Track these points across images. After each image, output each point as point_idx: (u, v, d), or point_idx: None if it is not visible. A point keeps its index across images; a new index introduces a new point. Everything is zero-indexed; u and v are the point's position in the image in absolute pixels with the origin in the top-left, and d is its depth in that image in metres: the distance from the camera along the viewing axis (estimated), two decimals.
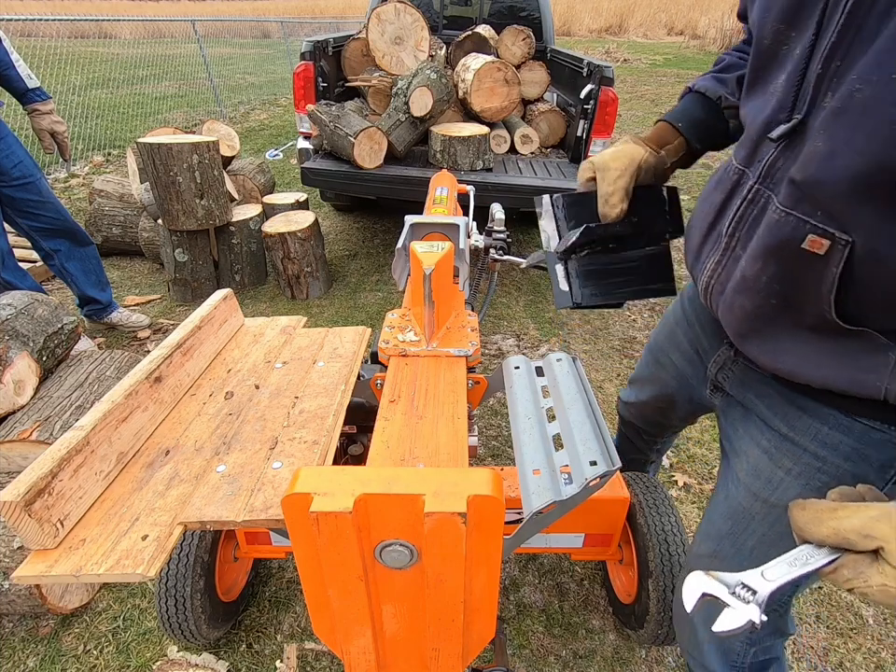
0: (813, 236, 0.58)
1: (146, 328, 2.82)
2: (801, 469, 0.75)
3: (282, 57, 13.47)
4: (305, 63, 3.18)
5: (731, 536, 0.86)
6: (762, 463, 0.80)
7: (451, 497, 0.59)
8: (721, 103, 0.86)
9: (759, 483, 0.80)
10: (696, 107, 0.88)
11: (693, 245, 0.83)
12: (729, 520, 0.86)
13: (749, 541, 0.83)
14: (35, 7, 18.15)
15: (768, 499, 0.79)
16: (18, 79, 2.16)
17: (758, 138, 0.67)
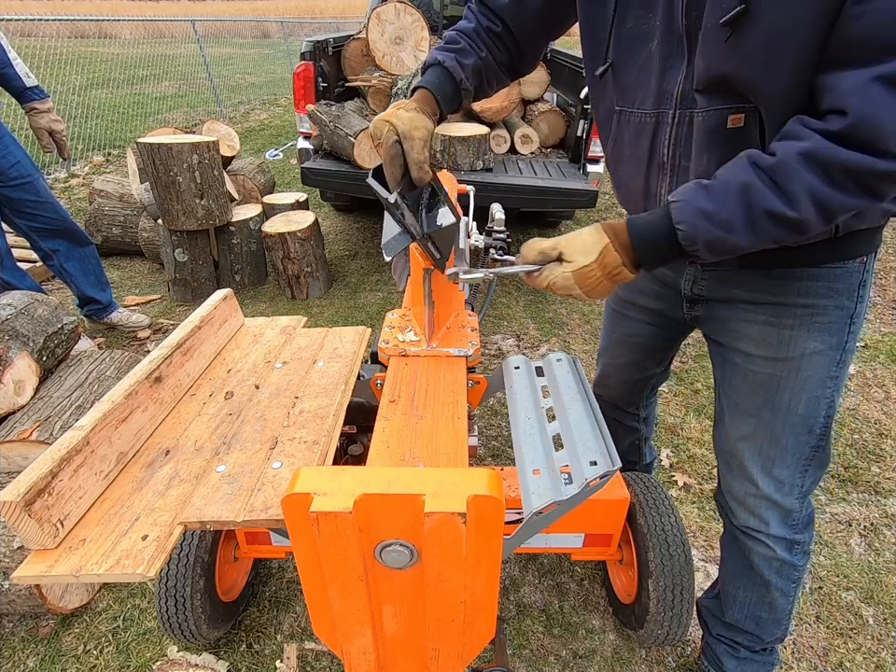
0: (731, 115, 0.77)
1: (146, 328, 2.82)
2: (799, 321, 0.92)
3: (282, 57, 13.49)
4: (305, 63, 3.17)
5: (769, 403, 0.98)
6: (766, 332, 0.94)
7: (451, 497, 0.59)
8: (461, 85, 1.01)
9: (772, 348, 0.94)
10: (447, 83, 1.01)
11: (637, 192, 0.97)
12: (761, 391, 0.98)
13: (785, 398, 0.96)
14: (35, 7, 18.15)
15: (787, 356, 0.94)
16: (15, 78, 2.16)
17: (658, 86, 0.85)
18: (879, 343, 2.82)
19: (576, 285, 0.84)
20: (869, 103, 0.62)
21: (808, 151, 0.67)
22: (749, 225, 0.72)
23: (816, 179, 0.67)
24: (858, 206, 0.69)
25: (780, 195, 0.69)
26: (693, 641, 1.46)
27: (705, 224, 0.74)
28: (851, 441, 2.16)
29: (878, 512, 1.85)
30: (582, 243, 0.83)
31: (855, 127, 0.64)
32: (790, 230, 0.71)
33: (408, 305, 1.38)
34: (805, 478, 1.02)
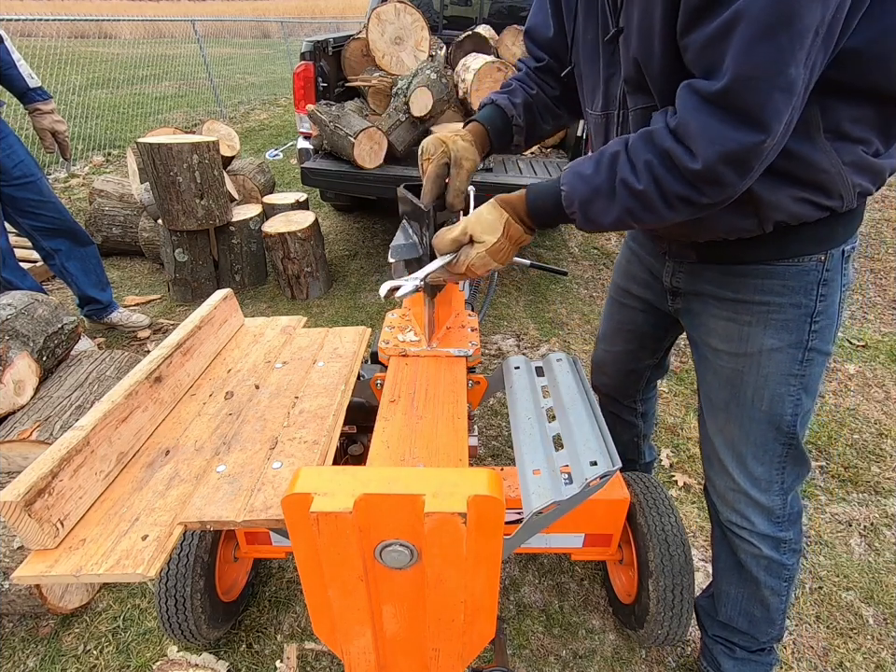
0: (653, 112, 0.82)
1: (146, 328, 2.82)
2: (756, 318, 0.96)
3: (282, 57, 13.49)
4: (305, 63, 3.17)
5: (734, 397, 1.02)
6: (728, 328, 1.00)
7: (451, 498, 0.59)
8: (513, 121, 1.11)
9: (733, 343, 1.00)
10: (498, 119, 1.11)
11: None
12: (727, 385, 1.03)
13: (748, 393, 1.00)
14: (35, 7, 18.14)
15: (746, 351, 0.98)
16: (19, 79, 2.17)
17: (605, 88, 0.95)
18: (879, 343, 2.82)
19: (492, 260, 0.92)
20: (685, 107, 0.71)
21: (650, 132, 0.76)
22: (611, 190, 0.80)
23: (653, 157, 0.75)
24: (686, 195, 0.75)
25: (631, 166, 0.78)
26: (693, 641, 1.46)
27: (580, 185, 0.83)
28: (851, 441, 2.16)
29: (878, 512, 1.85)
30: (486, 222, 0.90)
31: (678, 124, 0.72)
32: (638, 202, 0.78)
33: (408, 305, 1.38)
34: (784, 475, 1.04)
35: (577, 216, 0.85)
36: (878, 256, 3.80)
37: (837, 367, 2.63)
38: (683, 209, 0.77)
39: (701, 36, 0.68)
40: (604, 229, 0.87)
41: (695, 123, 0.70)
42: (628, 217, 0.81)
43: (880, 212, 4.53)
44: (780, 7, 0.60)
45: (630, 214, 0.80)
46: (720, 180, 0.72)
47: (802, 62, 0.63)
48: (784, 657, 1.43)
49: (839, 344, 2.80)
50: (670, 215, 0.78)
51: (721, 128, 0.68)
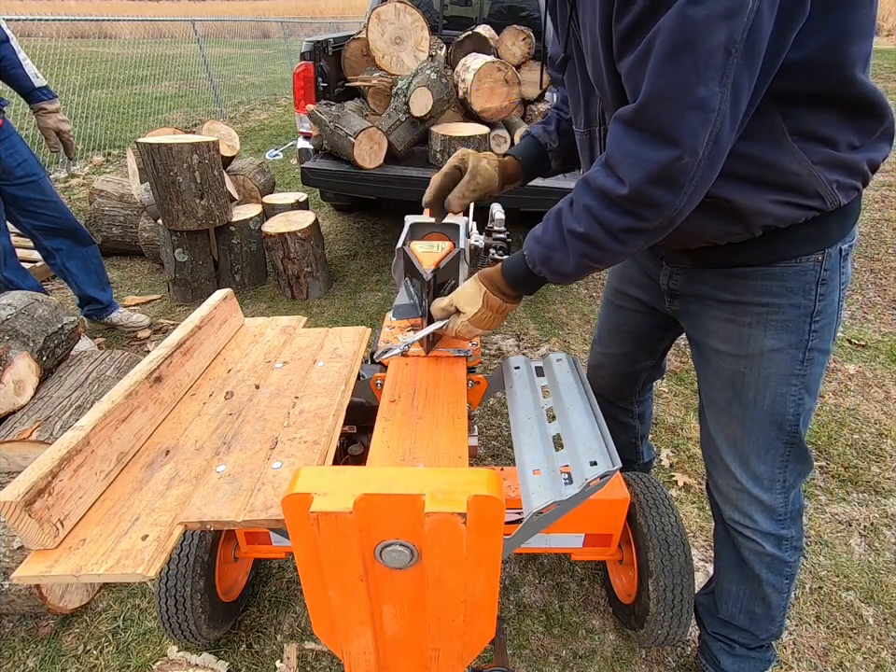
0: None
1: (146, 328, 2.82)
2: (756, 319, 0.96)
3: (282, 57, 13.48)
4: (305, 62, 3.17)
5: (736, 398, 1.03)
6: (728, 329, 1.00)
7: (451, 498, 0.59)
8: (547, 147, 1.21)
9: (733, 344, 1.00)
10: (532, 148, 1.22)
11: None
12: (729, 386, 1.04)
13: (749, 394, 1.01)
14: (35, 7, 18.14)
15: (747, 353, 0.99)
16: (25, 78, 2.17)
17: (587, 109, 0.98)
18: (879, 343, 2.82)
19: (475, 328, 1.02)
20: (611, 137, 0.75)
21: (586, 177, 0.80)
22: (561, 242, 0.84)
23: (590, 199, 0.78)
24: (628, 225, 0.77)
25: (572, 215, 0.82)
26: (693, 641, 1.46)
27: (537, 246, 0.89)
28: (851, 441, 2.16)
29: (878, 512, 1.85)
30: (468, 295, 1.00)
31: (608, 155, 0.76)
32: (587, 245, 0.81)
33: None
34: (787, 474, 1.05)
35: (544, 273, 0.90)
36: (878, 256, 3.80)
37: (837, 367, 2.63)
38: (633, 239, 0.79)
39: (628, 63, 0.71)
40: (572, 278, 0.91)
41: (619, 150, 0.73)
42: (587, 261, 0.84)
43: (880, 212, 4.53)
44: (684, 29, 0.63)
45: (586, 257, 0.84)
46: (652, 202, 0.73)
47: (715, 80, 0.64)
48: (784, 657, 1.43)
49: (839, 344, 2.80)
50: (622, 248, 0.81)
51: (639, 149, 0.71)
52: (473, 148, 3.08)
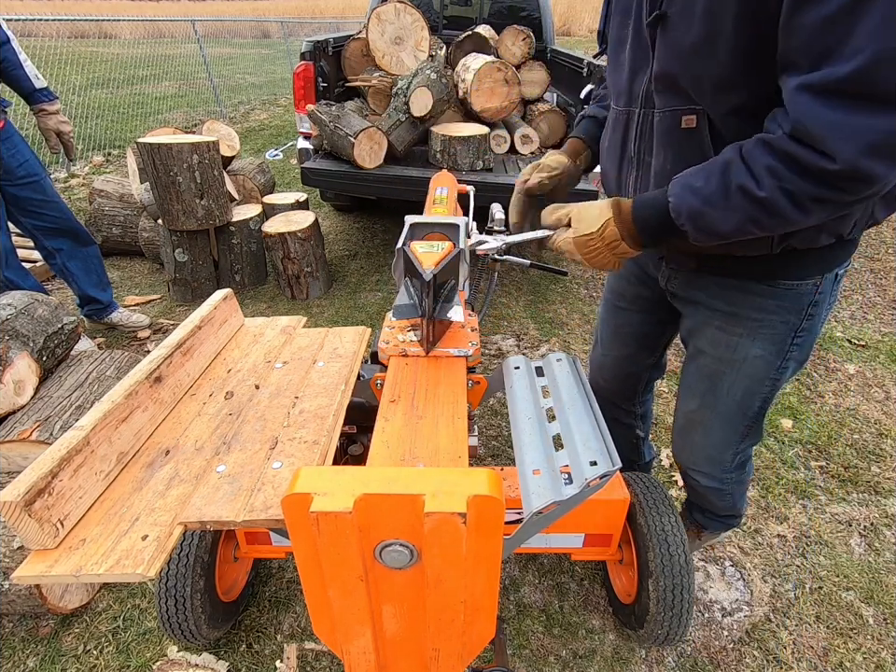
0: (685, 116, 0.86)
1: (146, 328, 2.82)
2: (748, 331, 1.02)
3: (282, 57, 13.48)
4: (305, 63, 3.17)
5: (711, 389, 1.14)
6: (717, 336, 1.07)
7: (451, 497, 0.59)
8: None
9: (720, 349, 1.07)
10: (593, 127, 1.22)
11: (612, 181, 1.09)
12: (706, 379, 1.14)
13: (724, 387, 1.11)
14: (35, 7, 18.14)
15: (731, 358, 1.06)
16: (25, 79, 2.17)
17: (628, 85, 0.96)
18: (879, 344, 2.82)
19: (576, 250, 0.94)
20: (797, 109, 0.68)
21: (769, 140, 0.73)
22: (725, 200, 0.77)
23: (775, 162, 0.72)
24: (825, 196, 0.71)
25: (749, 173, 0.74)
26: (693, 641, 1.47)
27: (689, 196, 0.80)
28: (851, 440, 2.16)
29: (878, 512, 1.85)
30: (589, 214, 0.92)
31: (794, 129, 0.69)
32: (761, 209, 0.75)
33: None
34: (740, 444, 1.21)
35: (687, 227, 0.82)
36: (878, 256, 3.80)
37: (837, 367, 2.63)
38: (820, 211, 0.74)
39: (816, 17, 0.63)
40: (721, 239, 0.82)
41: (820, 122, 0.66)
42: (750, 226, 0.78)
43: None
44: None
45: (753, 222, 0.77)
46: (866, 176, 0.66)
47: None
48: (784, 657, 1.43)
49: (839, 345, 2.80)
50: (804, 218, 0.74)
51: (854, 119, 0.64)
52: (473, 148, 3.09)
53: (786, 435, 2.18)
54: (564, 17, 20.04)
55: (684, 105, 0.86)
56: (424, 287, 1.08)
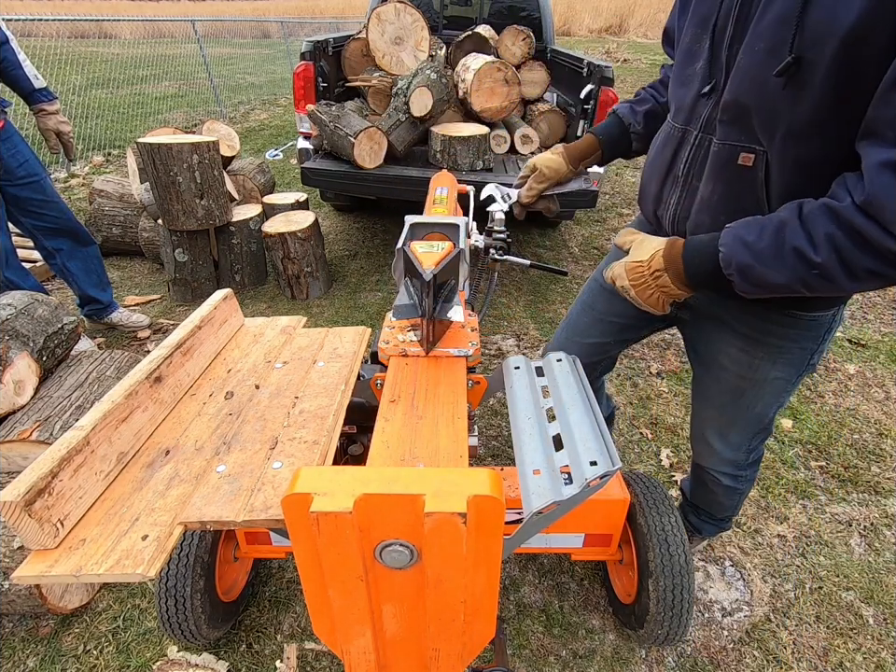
0: (743, 153, 0.85)
1: (146, 328, 2.82)
2: (768, 355, 1.06)
3: (282, 57, 13.47)
4: (305, 63, 3.17)
5: (732, 402, 1.18)
6: (739, 357, 1.10)
7: (451, 498, 0.59)
8: (630, 128, 1.21)
9: (742, 368, 1.11)
10: (614, 128, 1.22)
11: (651, 195, 1.08)
12: (727, 393, 1.17)
13: (745, 402, 1.16)
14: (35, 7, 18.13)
15: (752, 376, 1.11)
16: (25, 79, 2.17)
17: (692, 104, 0.94)
18: (879, 344, 2.82)
19: (626, 276, 0.95)
20: (878, 184, 0.67)
21: (834, 207, 0.73)
22: (778, 259, 0.77)
23: (837, 230, 0.72)
24: (880, 271, 0.72)
25: (807, 236, 0.74)
26: (693, 641, 1.47)
27: (741, 249, 0.80)
28: (851, 441, 2.16)
29: (878, 512, 1.85)
30: (646, 244, 0.95)
31: (868, 202, 0.69)
32: (813, 273, 0.75)
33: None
34: (752, 442, 1.27)
35: (735, 278, 0.83)
36: None
37: (837, 367, 2.63)
38: (872, 282, 0.75)
39: None
40: (767, 293, 0.83)
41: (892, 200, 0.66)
42: (799, 285, 0.78)
43: None
44: None
45: (802, 283, 0.78)
46: None
47: None
48: (784, 657, 1.43)
49: (839, 345, 2.80)
50: (853, 286, 0.76)
51: None
52: (473, 148, 3.09)
53: (786, 435, 2.18)
54: (564, 17, 20.04)
55: (746, 141, 0.85)
56: (424, 287, 1.08)
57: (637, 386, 2.49)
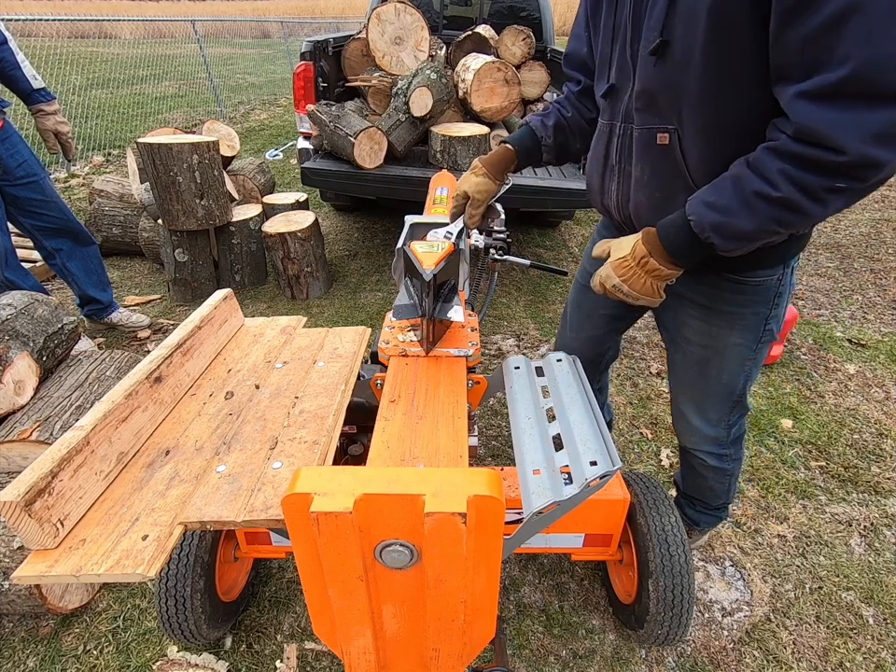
0: (659, 134, 0.96)
1: (146, 328, 2.82)
2: (726, 322, 1.14)
3: (282, 57, 13.49)
4: (305, 63, 3.17)
5: (700, 374, 1.25)
6: (701, 327, 1.18)
7: (451, 498, 0.59)
8: (542, 141, 1.29)
9: (704, 338, 1.19)
10: (528, 139, 1.30)
11: (596, 188, 1.18)
12: (695, 366, 1.25)
13: (711, 372, 1.22)
14: (35, 7, 18.14)
15: (715, 345, 1.18)
16: (23, 80, 2.17)
17: (613, 102, 1.06)
18: (879, 344, 2.82)
19: (614, 273, 1.01)
20: (799, 113, 0.75)
21: (774, 146, 0.80)
22: (744, 207, 0.83)
23: (785, 164, 0.78)
24: (839, 185, 0.77)
25: (762, 178, 0.81)
26: (693, 641, 1.47)
27: (708, 212, 0.87)
28: (851, 441, 2.16)
29: (878, 512, 1.85)
30: (623, 242, 1.02)
31: (798, 130, 0.76)
32: (780, 208, 0.81)
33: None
34: (731, 416, 1.32)
35: (713, 239, 0.88)
36: (878, 256, 3.80)
37: (837, 367, 2.63)
38: (836, 201, 0.79)
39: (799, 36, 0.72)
40: (748, 243, 0.88)
41: (821, 122, 0.72)
42: (774, 225, 0.83)
43: (880, 212, 4.53)
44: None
45: (776, 221, 0.83)
46: (875, 163, 0.73)
47: None
48: (784, 657, 1.43)
49: (839, 344, 2.80)
50: (821, 209, 0.80)
51: (856, 115, 0.70)
52: (473, 149, 3.09)
53: (786, 435, 2.18)
54: (564, 17, 20.03)
55: (659, 123, 0.95)
56: (424, 287, 1.08)
57: (637, 386, 2.49)
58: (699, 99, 0.87)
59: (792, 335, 2.86)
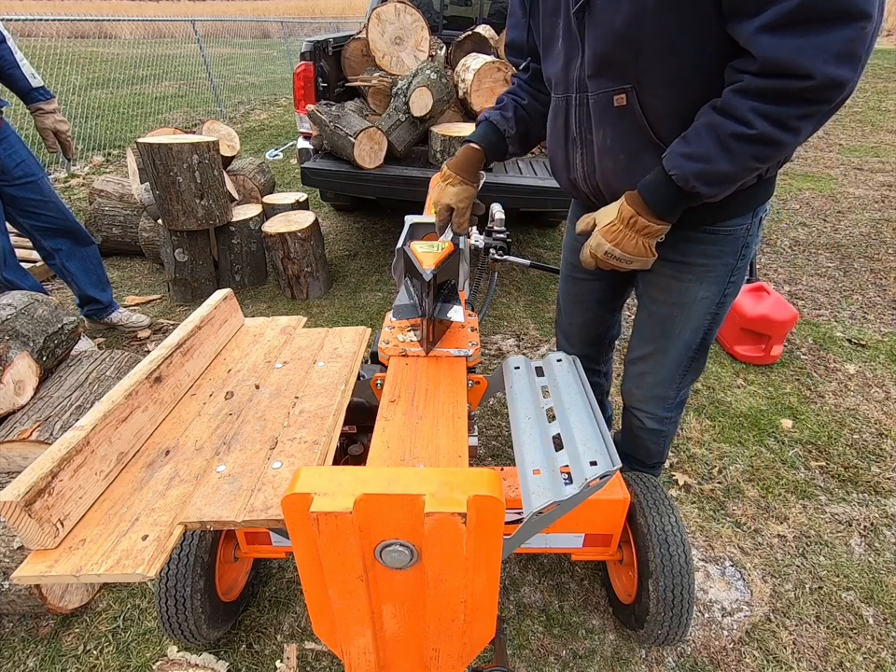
0: (616, 96, 0.97)
1: (146, 328, 2.82)
2: (697, 276, 1.16)
3: (282, 57, 13.49)
4: (305, 63, 3.17)
5: (664, 333, 1.27)
6: (670, 284, 1.20)
7: (451, 498, 0.59)
8: (505, 133, 1.28)
9: (672, 295, 1.21)
10: (492, 135, 1.29)
11: (561, 164, 1.19)
12: (659, 325, 1.27)
13: (675, 329, 1.25)
14: (35, 7, 18.13)
15: (682, 301, 1.20)
16: (22, 79, 2.17)
17: (564, 74, 1.06)
18: (879, 344, 2.82)
19: (604, 239, 1.02)
20: (762, 47, 0.77)
21: (740, 87, 0.82)
22: (723, 151, 0.86)
23: (754, 102, 0.81)
24: (807, 112, 0.80)
25: (735, 120, 0.83)
26: (693, 641, 1.47)
27: (688, 163, 0.89)
28: (851, 440, 2.16)
29: (878, 512, 1.85)
30: (607, 209, 1.03)
31: (763, 65, 0.78)
32: (758, 144, 0.84)
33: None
34: (684, 378, 1.35)
35: (698, 187, 0.90)
36: (878, 256, 3.80)
37: (837, 367, 2.63)
38: (808, 125, 0.82)
39: None
40: (732, 184, 0.91)
41: (785, 51, 0.75)
42: (754, 163, 0.87)
43: (880, 212, 4.53)
44: None
45: (755, 158, 0.86)
46: (840, 82, 0.76)
47: None
48: (784, 657, 1.43)
49: (839, 344, 2.80)
50: (794, 138, 0.83)
51: (816, 38, 0.73)
52: None
53: (786, 435, 2.18)
54: None
55: (613, 86, 0.96)
56: (424, 287, 1.08)
57: None
58: (656, 51, 0.89)
59: (792, 335, 2.86)
